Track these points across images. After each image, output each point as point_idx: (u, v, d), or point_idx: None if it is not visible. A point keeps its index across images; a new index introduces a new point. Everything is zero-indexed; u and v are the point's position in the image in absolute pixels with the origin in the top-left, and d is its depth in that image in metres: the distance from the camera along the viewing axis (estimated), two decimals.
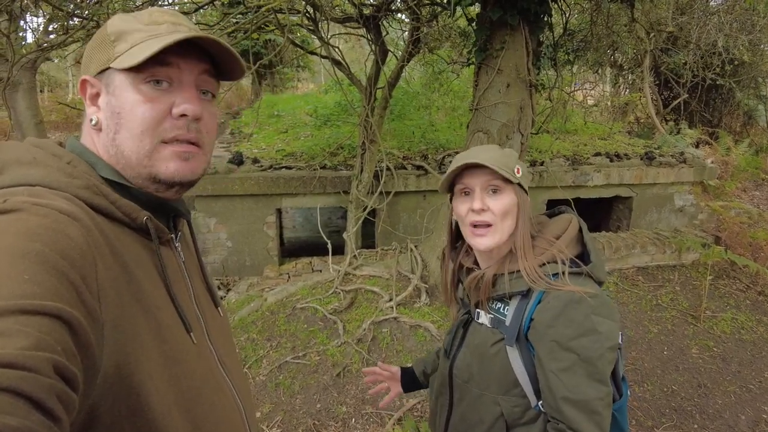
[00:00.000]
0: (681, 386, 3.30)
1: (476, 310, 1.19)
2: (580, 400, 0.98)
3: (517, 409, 1.12)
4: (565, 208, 1.26)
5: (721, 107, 9.50)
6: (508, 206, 1.11)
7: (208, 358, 0.78)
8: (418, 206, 5.62)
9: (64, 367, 0.45)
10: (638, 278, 4.85)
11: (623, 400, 1.18)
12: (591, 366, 0.99)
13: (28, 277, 0.48)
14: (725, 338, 3.85)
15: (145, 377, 0.59)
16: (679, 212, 6.45)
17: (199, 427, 0.69)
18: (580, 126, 7.85)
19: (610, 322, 1.02)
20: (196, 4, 4.55)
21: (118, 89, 0.70)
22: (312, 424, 2.85)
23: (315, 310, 3.94)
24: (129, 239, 0.68)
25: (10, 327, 0.43)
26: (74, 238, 0.55)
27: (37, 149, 0.66)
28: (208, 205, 5.24)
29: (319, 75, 16.51)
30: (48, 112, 11.76)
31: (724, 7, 6.51)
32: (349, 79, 4.92)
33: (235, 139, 6.80)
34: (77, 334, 0.49)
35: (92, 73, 0.72)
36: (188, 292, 0.80)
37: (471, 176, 1.13)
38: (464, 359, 1.21)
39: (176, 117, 0.71)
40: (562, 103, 6.02)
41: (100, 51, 0.72)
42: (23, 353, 0.42)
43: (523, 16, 3.53)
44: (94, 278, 0.55)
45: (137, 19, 0.72)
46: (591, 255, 1.12)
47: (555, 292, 1.03)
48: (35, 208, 0.55)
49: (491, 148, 1.15)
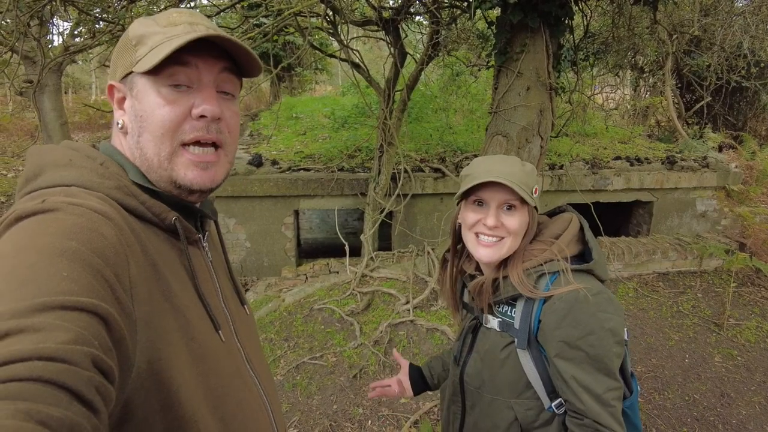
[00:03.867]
0: (703, 395, 3.23)
1: (484, 315, 1.19)
2: (594, 394, 1.01)
3: (530, 413, 1.11)
4: (565, 206, 1.25)
5: (745, 110, 9.29)
6: (521, 225, 1.11)
7: (236, 355, 0.79)
8: (435, 209, 5.61)
9: (101, 360, 0.46)
10: (659, 284, 4.77)
11: (634, 397, 1.18)
12: (600, 362, 1.01)
13: (66, 275, 0.49)
14: (749, 347, 3.77)
15: (175, 374, 0.61)
16: (701, 218, 6.33)
17: (228, 423, 0.70)
18: (600, 129, 7.75)
19: (616, 317, 1.04)
20: (218, 7, 4.62)
21: (140, 93, 0.71)
22: (328, 425, 2.87)
23: (332, 312, 3.96)
24: (158, 239, 0.69)
25: (50, 322, 0.45)
26: (108, 236, 0.57)
27: (73, 152, 0.68)
28: (228, 205, 5.30)
29: (336, 77, 16.60)
30: (72, 114, 12.03)
31: (750, 8, 6.38)
32: (367, 82, 4.94)
33: (254, 140, 6.87)
34: (112, 329, 0.51)
35: (118, 78, 0.74)
36: (216, 291, 0.81)
37: (489, 191, 1.11)
38: (475, 365, 1.21)
39: (196, 118, 0.72)
40: (582, 106, 5.96)
41: (124, 56, 0.73)
42: (64, 347, 0.43)
43: (544, 18, 3.50)
44: (126, 276, 0.57)
45: (156, 22, 0.73)
46: (593, 252, 1.12)
47: (559, 293, 1.04)
48: (71, 208, 0.57)
49: (513, 161, 1.13)
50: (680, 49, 7.61)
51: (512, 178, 1.07)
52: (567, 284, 1.04)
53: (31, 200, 0.59)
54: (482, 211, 1.12)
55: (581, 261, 1.12)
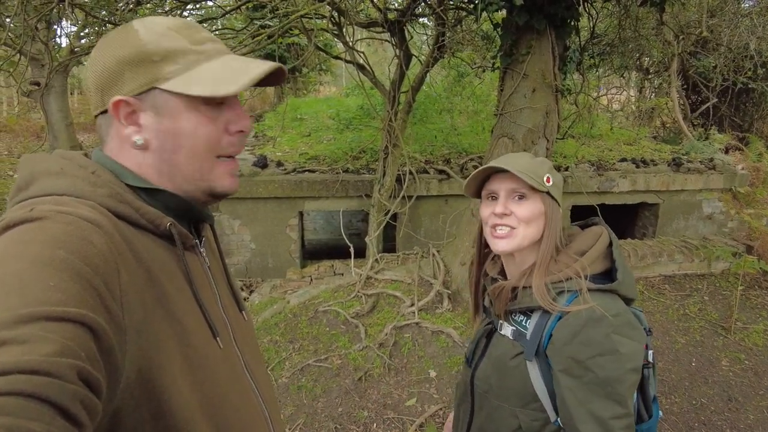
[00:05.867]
0: (710, 400, 3.21)
1: (499, 321, 1.18)
2: (598, 417, 0.96)
3: (536, 423, 1.10)
4: (598, 219, 1.23)
5: (752, 112, 9.23)
6: (534, 213, 1.10)
7: (234, 363, 0.78)
8: (440, 211, 5.60)
9: (87, 373, 0.46)
10: (665, 287, 4.75)
11: (653, 422, 1.15)
12: (609, 387, 0.96)
13: (53, 284, 0.48)
14: (757, 351, 3.74)
15: (168, 382, 0.60)
16: (707, 220, 6.29)
17: (224, 431, 0.69)
18: (606, 131, 7.72)
19: (634, 343, 0.99)
20: (223, 9, 4.64)
21: (173, 111, 0.70)
22: (334, 427, 2.86)
23: (337, 314, 3.95)
24: (154, 245, 0.68)
25: (35, 333, 0.44)
26: (97, 245, 0.56)
27: (65, 161, 0.67)
28: (233, 207, 5.32)
29: (341, 79, 16.61)
30: (77, 114, 12.08)
31: (757, 9, 6.35)
32: (372, 83, 4.94)
33: (259, 142, 6.88)
34: (100, 339, 0.50)
35: (129, 93, 0.69)
36: (214, 297, 0.80)
37: (497, 181, 1.13)
38: (485, 370, 1.20)
39: (232, 133, 0.75)
40: (588, 107, 5.94)
41: (139, 69, 0.69)
42: (48, 360, 0.43)
43: (550, 20, 3.50)
44: (117, 284, 0.56)
45: (181, 35, 0.71)
46: (618, 272, 1.08)
47: (576, 310, 1.00)
48: (60, 216, 0.56)
49: (523, 155, 1.14)
50: (686, 50, 7.57)
51: (519, 168, 1.07)
52: (585, 303, 1.01)
53: (21, 209, 0.58)
54: (495, 204, 1.13)
55: (608, 278, 1.08)
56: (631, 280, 1.10)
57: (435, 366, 3.41)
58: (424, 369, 3.38)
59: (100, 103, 0.72)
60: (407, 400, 3.09)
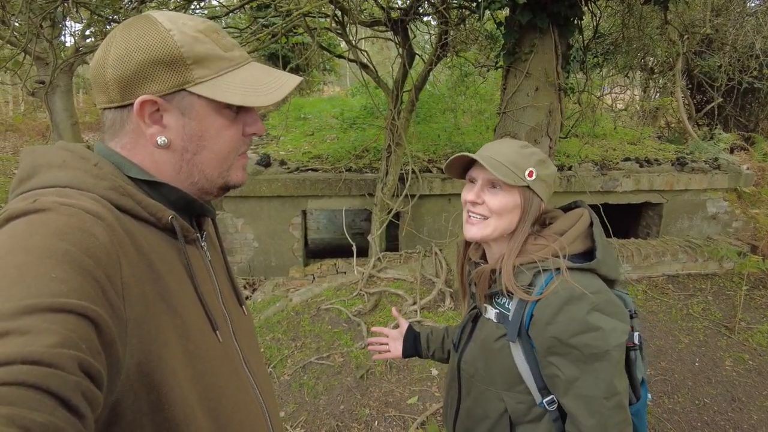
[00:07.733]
0: (713, 399, 3.20)
1: (484, 305, 1.18)
2: (585, 396, 0.97)
3: (521, 406, 1.10)
4: (580, 201, 1.22)
5: (757, 111, 9.18)
6: (506, 206, 1.09)
7: (233, 357, 0.78)
8: (443, 210, 5.60)
9: (89, 364, 0.46)
10: (668, 287, 4.73)
11: (641, 404, 1.15)
12: (595, 362, 0.96)
13: (55, 276, 0.49)
14: (761, 351, 3.72)
15: (168, 375, 0.60)
16: (712, 220, 6.26)
17: (223, 425, 0.69)
18: (610, 130, 7.70)
19: (615, 321, 0.99)
20: (227, 8, 4.65)
21: (200, 114, 0.72)
22: (335, 425, 2.87)
23: (339, 312, 3.96)
24: (155, 238, 0.68)
25: (37, 325, 0.44)
26: (99, 237, 0.56)
27: (67, 153, 0.67)
28: (236, 205, 5.33)
29: (344, 78, 16.62)
30: (82, 114, 12.14)
31: (763, 8, 6.32)
32: (376, 82, 4.94)
33: (262, 140, 6.90)
34: (102, 331, 0.50)
35: (158, 93, 0.69)
36: (215, 291, 0.81)
37: (478, 168, 1.13)
38: (471, 354, 1.20)
39: (247, 135, 0.80)
40: (591, 107, 5.92)
41: (171, 71, 0.69)
42: (50, 351, 0.43)
43: (553, 19, 3.49)
44: (118, 276, 0.56)
45: (210, 39, 0.72)
46: (597, 251, 1.07)
47: (555, 288, 1.00)
48: (63, 208, 0.56)
49: (511, 144, 1.12)
50: (691, 49, 7.54)
51: (499, 157, 1.06)
52: (562, 283, 1.00)
53: (23, 200, 0.58)
54: (472, 189, 1.14)
55: (589, 259, 1.07)
56: (612, 260, 1.10)
57: (437, 364, 3.41)
58: (425, 367, 3.39)
59: (117, 98, 0.70)
60: (409, 398, 3.09)
